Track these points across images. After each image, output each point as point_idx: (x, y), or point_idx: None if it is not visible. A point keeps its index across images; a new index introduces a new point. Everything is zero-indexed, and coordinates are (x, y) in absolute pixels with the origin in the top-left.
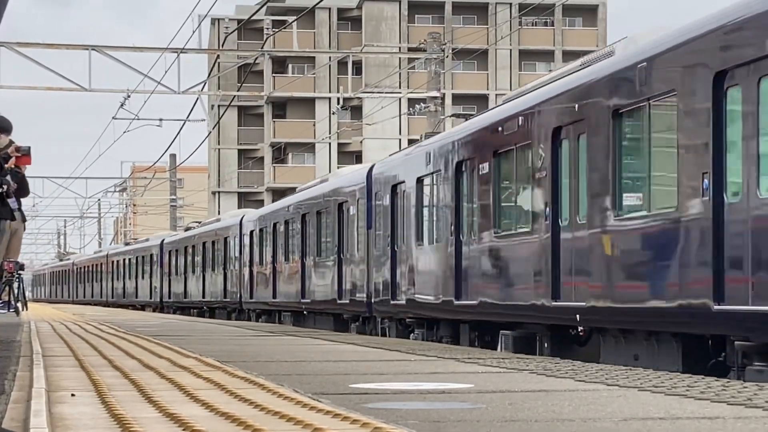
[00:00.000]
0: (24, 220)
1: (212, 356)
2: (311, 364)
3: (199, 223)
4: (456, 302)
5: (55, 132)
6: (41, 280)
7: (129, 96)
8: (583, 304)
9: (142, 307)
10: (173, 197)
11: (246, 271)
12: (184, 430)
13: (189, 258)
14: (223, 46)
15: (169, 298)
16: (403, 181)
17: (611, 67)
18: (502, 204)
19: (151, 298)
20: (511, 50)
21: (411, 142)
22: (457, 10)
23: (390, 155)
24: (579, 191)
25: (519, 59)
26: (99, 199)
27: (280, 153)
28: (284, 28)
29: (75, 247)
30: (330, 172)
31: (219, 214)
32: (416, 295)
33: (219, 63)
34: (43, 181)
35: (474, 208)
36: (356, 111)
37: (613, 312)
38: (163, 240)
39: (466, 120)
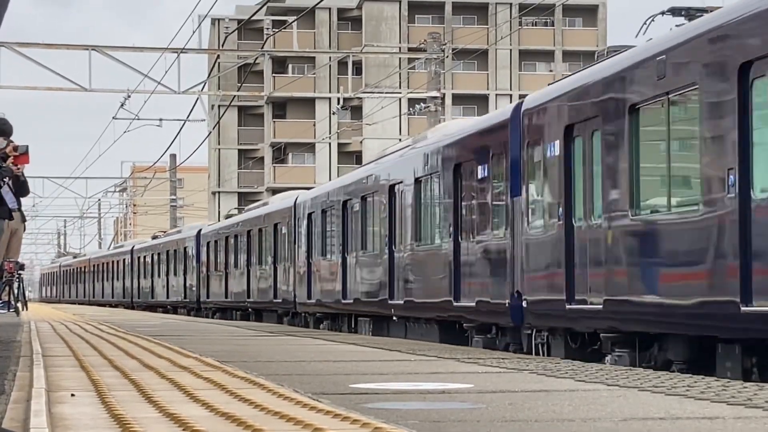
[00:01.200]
0: (24, 220)
1: (212, 356)
2: (311, 364)
3: (241, 210)
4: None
5: (55, 132)
6: (51, 279)
7: (129, 96)
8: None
9: (174, 309)
10: (173, 197)
11: (303, 264)
12: (184, 430)
13: (231, 250)
14: (223, 46)
15: (208, 297)
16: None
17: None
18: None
19: (185, 297)
20: (511, 50)
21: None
22: (457, 10)
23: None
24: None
25: (519, 59)
26: (99, 199)
27: (280, 153)
28: (284, 28)
29: (75, 247)
30: (330, 172)
31: (219, 214)
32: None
33: (219, 63)
34: (43, 181)
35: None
36: (356, 111)
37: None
38: (199, 230)
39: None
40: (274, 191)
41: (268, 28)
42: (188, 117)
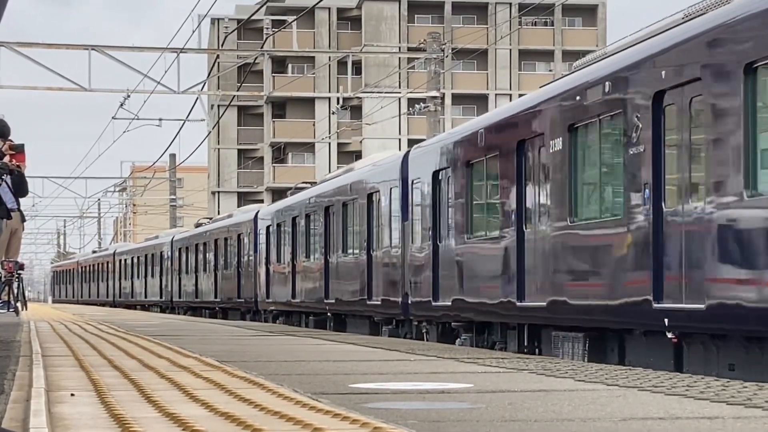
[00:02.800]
0: (23, 219)
1: (212, 356)
2: (311, 363)
3: (297, 189)
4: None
5: (55, 132)
6: (64, 277)
7: (129, 96)
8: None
9: (225, 313)
10: (173, 197)
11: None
12: (183, 429)
13: (299, 239)
14: (222, 45)
15: (268, 297)
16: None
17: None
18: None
19: (239, 297)
20: (510, 50)
21: (411, 142)
22: (457, 10)
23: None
24: None
25: (519, 59)
26: (99, 199)
27: (279, 153)
28: (284, 28)
29: (75, 246)
30: (329, 172)
31: (218, 214)
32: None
33: (219, 63)
34: (42, 181)
35: None
36: (356, 111)
37: None
38: (257, 213)
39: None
40: (274, 191)
41: (267, 28)
42: (188, 117)
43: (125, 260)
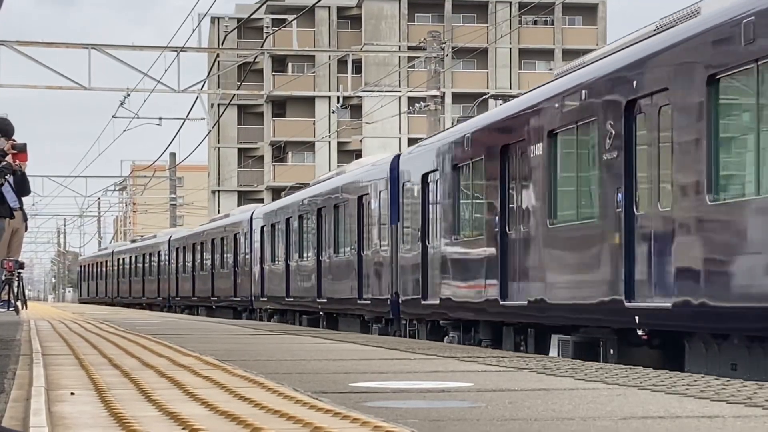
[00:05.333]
0: (25, 219)
1: (212, 355)
2: (311, 362)
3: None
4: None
5: (55, 131)
6: (93, 272)
7: (129, 95)
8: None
9: (300, 318)
10: (173, 196)
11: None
12: (183, 428)
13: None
14: (222, 44)
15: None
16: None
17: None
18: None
19: (318, 297)
20: (510, 49)
21: (411, 141)
22: (457, 8)
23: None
24: None
25: (519, 58)
26: (99, 198)
27: (279, 152)
28: (284, 26)
29: (75, 246)
30: (330, 170)
31: (218, 213)
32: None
33: (219, 62)
34: (42, 180)
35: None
36: (356, 110)
37: None
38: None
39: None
40: (274, 190)
41: (267, 27)
42: (188, 116)
43: (184, 247)
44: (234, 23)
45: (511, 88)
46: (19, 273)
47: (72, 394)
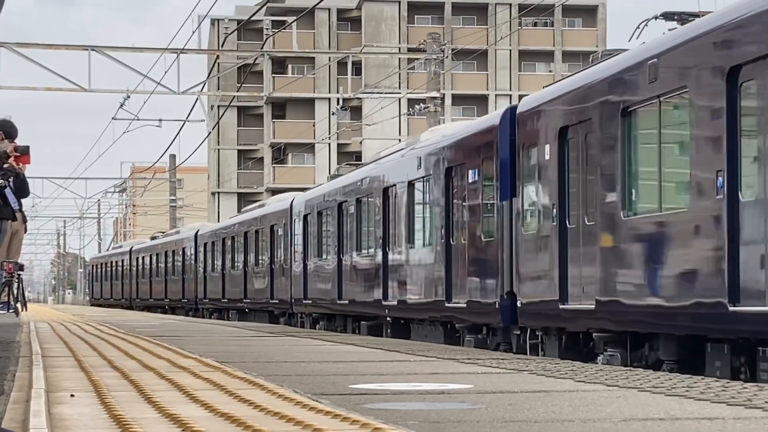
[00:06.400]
0: (25, 220)
1: (212, 357)
2: (311, 364)
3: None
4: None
5: (55, 132)
6: (108, 272)
7: (129, 96)
8: None
9: (356, 324)
10: (173, 198)
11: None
12: (183, 430)
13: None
14: (222, 46)
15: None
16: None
17: None
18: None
19: (386, 299)
20: (510, 51)
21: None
22: (457, 10)
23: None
24: None
25: (519, 60)
26: (99, 200)
27: (279, 153)
28: (284, 28)
29: (74, 248)
30: (330, 173)
31: (218, 214)
32: None
33: (219, 63)
34: (42, 182)
35: None
36: (356, 111)
37: None
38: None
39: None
40: (274, 192)
41: (267, 29)
42: (188, 117)
43: (212, 244)
44: (234, 25)
45: (510, 89)
46: (19, 275)
47: (72, 396)
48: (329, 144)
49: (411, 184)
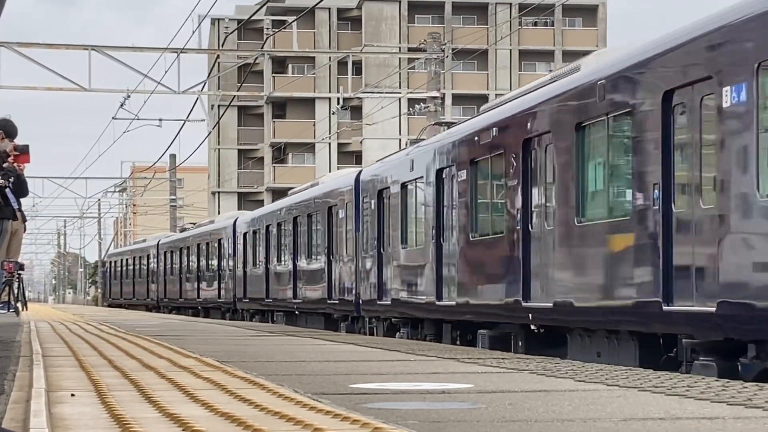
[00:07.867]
0: (24, 220)
1: (212, 356)
2: (311, 364)
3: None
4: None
5: (55, 132)
6: (128, 270)
7: (129, 96)
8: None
9: (419, 329)
10: (173, 197)
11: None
12: (184, 430)
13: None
14: (223, 46)
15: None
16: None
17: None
18: None
19: (440, 298)
20: (511, 50)
21: (411, 142)
22: (457, 10)
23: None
24: None
25: (519, 59)
26: (99, 199)
27: (280, 153)
28: (284, 28)
29: (75, 247)
30: (330, 172)
31: (219, 214)
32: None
33: (219, 63)
34: (42, 182)
35: None
36: (356, 111)
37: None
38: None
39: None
40: (274, 191)
41: (267, 28)
42: (188, 117)
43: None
44: (234, 24)
45: (511, 89)
46: (19, 274)
47: (72, 395)
48: (329, 144)
49: (473, 163)
